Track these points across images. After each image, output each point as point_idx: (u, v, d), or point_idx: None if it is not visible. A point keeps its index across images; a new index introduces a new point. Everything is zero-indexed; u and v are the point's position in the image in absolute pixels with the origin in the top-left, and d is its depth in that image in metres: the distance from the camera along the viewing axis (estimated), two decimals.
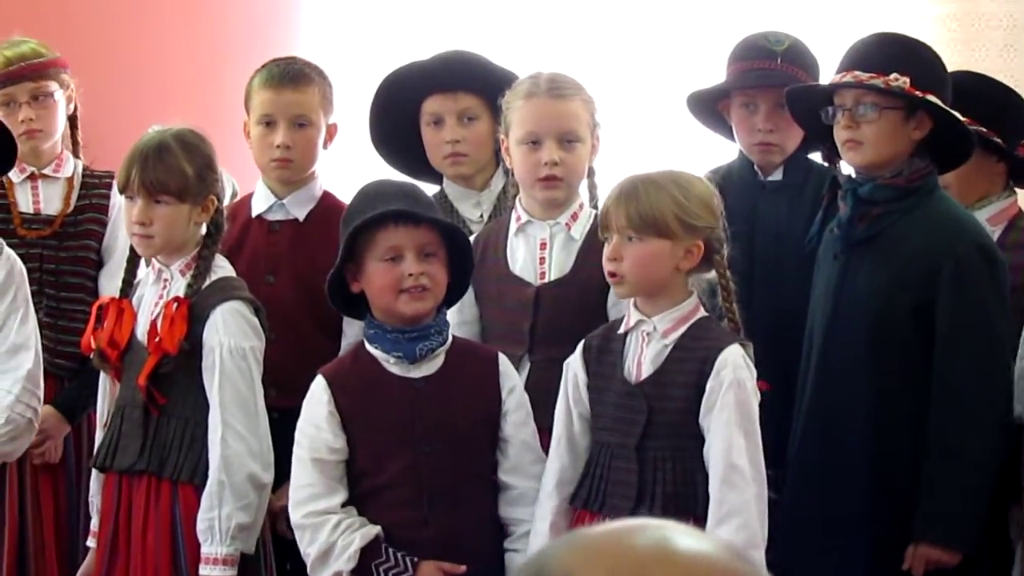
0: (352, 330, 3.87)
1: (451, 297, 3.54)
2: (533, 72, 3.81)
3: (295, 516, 3.44)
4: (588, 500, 3.40)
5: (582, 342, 3.47)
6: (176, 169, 3.59)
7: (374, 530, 3.39)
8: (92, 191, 4.38)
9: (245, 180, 4.36)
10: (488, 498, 3.48)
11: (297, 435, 3.47)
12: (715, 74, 4.17)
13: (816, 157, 4.06)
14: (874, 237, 3.66)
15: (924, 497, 3.58)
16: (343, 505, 3.43)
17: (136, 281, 3.76)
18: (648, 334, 3.38)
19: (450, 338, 3.50)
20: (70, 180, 4.39)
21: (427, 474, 3.41)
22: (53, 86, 4.34)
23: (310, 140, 3.97)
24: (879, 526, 3.64)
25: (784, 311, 3.85)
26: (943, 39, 4.93)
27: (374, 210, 3.42)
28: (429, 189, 3.84)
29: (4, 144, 3.76)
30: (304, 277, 3.95)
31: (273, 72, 3.97)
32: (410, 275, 3.41)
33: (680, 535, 1.28)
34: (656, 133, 5.22)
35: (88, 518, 3.90)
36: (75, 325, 4.19)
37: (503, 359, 3.53)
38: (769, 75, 3.98)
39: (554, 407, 3.48)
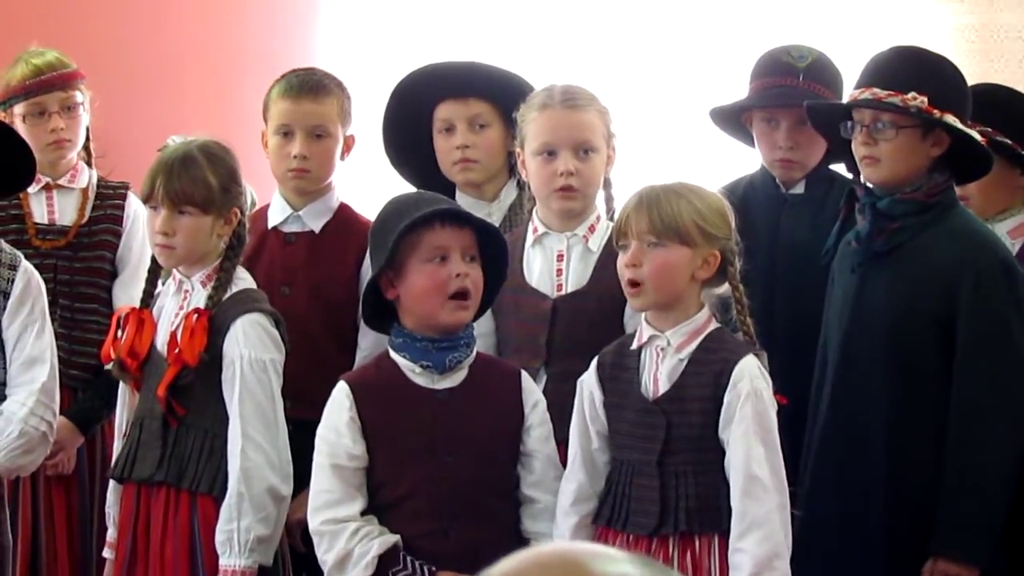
0: (367, 342, 3.86)
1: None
2: (547, 84, 3.81)
3: (313, 522, 3.42)
4: (611, 518, 3.38)
5: (595, 359, 3.45)
6: (201, 180, 3.59)
7: (392, 538, 3.36)
8: (107, 202, 4.38)
9: (262, 191, 4.36)
10: (510, 512, 3.46)
11: (317, 441, 3.45)
12: (732, 84, 4.17)
13: (840, 168, 4.04)
14: (893, 251, 3.65)
15: (942, 512, 3.57)
16: (363, 514, 3.41)
17: (156, 292, 3.75)
18: (662, 349, 3.37)
19: (475, 351, 3.49)
20: (85, 191, 4.38)
21: (448, 486, 3.39)
22: (80, 96, 4.35)
23: (327, 151, 3.96)
24: (897, 540, 3.63)
25: (806, 323, 3.84)
26: (962, 50, 4.93)
27: (419, 211, 3.40)
28: None
29: (25, 160, 3.75)
30: (319, 289, 3.94)
31: (292, 82, 3.96)
32: (457, 276, 3.39)
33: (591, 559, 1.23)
34: (672, 144, 5.22)
35: (102, 529, 3.89)
36: (89, 336, 4.19)
37: (526, 375, 3.51)
38: (790, 93, 3.97)
39: (571, 420, 3.46)
